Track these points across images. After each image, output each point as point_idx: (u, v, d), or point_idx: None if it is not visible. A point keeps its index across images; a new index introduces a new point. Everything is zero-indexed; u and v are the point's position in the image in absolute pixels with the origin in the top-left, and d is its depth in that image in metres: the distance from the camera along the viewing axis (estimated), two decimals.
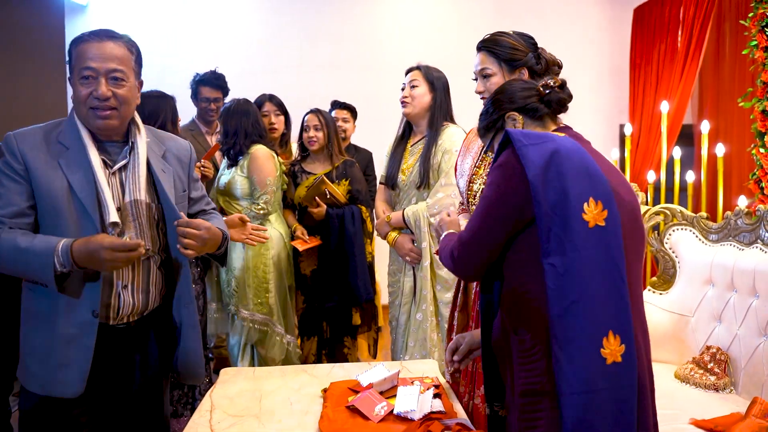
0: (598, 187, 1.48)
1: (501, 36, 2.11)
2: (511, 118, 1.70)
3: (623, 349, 1.44)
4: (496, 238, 1.55)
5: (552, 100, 1.70)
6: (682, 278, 2.83)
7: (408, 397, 1.96)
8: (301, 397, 2.13)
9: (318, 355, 3.51)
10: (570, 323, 1.42)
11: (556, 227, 1.44)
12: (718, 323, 2.60)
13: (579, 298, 1.42)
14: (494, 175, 1.55)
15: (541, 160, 1.47)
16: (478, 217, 1.57)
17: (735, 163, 4.84)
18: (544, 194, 1.45)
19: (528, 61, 2.08)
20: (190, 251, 1.80)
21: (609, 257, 1.46)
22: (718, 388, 2.45)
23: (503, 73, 2.09)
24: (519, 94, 1.71)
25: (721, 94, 5.08)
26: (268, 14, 5.65)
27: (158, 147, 1.92)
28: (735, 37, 4.83)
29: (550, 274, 1.44)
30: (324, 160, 3.51)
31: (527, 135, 1.54)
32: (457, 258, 1.63)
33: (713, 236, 2.78)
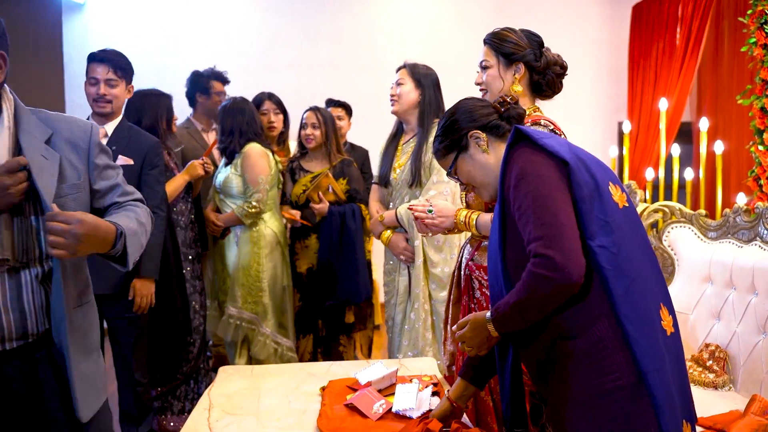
0: (609, 172, 1.54)
1: (505, 30, 2.13)
2: (474, 137, 1.69)
3: (671, 319, 1.49)
4: (571, 216, 1.42)
5: (512, 116, 1.70)
6: (681, 276, 2.82)
7: (406, 395, 1.96)
8: (299, 396, 2.12)
9: (314, 353, 3.51)
10: (636, 300, 1.41)
11: (596, 209, 1.43)
12: (717, 321, 2.60)
13: (636, 275, 1.42)
14: (532, 170, 1.46)
15: (565, 145, 1.49)
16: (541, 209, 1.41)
17: (734, 160, 4.85)
18: (582, 176, 1.45)
19: (525, 56, 2.08)
20: (58, 251, 1.41)
21: (640, 234, 1.51)
22: (717, 385, 2.45)
23: (499, 66, 2.10)
24: (478, 112, 1.71)
25: (720, 92, 5.08)
26: (268, 13, 5.64)
27: (41, 131, 1.56)
28: (734, 35, 4.83)
29: (604, 256, 1.41)
30: (322, 158, 3.51)
31: (535, 131, 1.54)
32: (557, 255, 1.37)
33: (712, 234, 2.77)
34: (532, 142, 1.51)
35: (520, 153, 1.51)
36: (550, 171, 1.46)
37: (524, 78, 2.11)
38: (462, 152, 1.71)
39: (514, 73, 2.09)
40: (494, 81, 2.12)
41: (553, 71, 2.12)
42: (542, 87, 2.14)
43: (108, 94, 2.69)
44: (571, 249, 1.38)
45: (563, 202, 1.43)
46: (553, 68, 2.12)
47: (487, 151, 1.68)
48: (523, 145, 1.52)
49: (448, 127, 1.73)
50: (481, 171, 1.70)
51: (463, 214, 2.16)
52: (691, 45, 4.93)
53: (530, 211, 1.42)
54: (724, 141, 4.12)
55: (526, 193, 1.44)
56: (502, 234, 1.56)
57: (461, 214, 2.16)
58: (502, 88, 2.10)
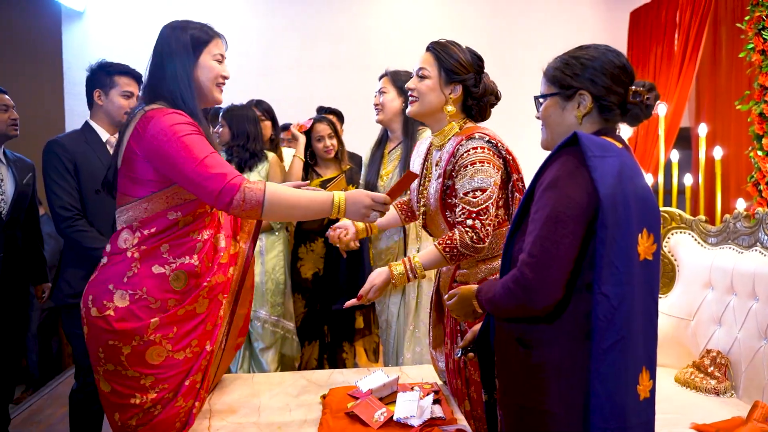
0: (652, 217, 1.43)
1: (453, 46, 2.06)
2: (582, 98, 1.51)
3: (651, 384, 1.44)
4: (571, 252, 1.38)
5: (631, 112, 1.52)
6: (682, 282, 2.82)
7: (408, 403, 1.95)
8: (300, 404, 2.11)
9: (319, 359, 3.50)
10: (615, 359, 1.36)
11: (615, 256, 1.35)
12: (718, 327, 2.60)
13: (627, 335, 1.37)
14: (564, 185, 1.39)
15: (612, 178, 1.36)
16: (548, 229, 1.38)
17: (733, 166, 4.85)
18: (612, 217, 1.34)
19: (466, 80, 2.02)
20: None
21: (651, 293, 1.44)
22: (719, 392, 2.44)
23: (439, 81, 2.03)
24: (606, 80, 1.49)
25: (719, 97, 5.09)
26: (267, 16, 5.65)
27: None
28: (731, 40, 4.85)
29: (603, 305, 1.35)
30: (333, 165, 3.56)
31: (595, 143, 1.40)
32: (534, 280, 1.38)
33: (712, 239, 2.77)
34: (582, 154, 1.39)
35: (566, 160, 1.42)
36: (581, 195, 1.37)
37: (458, 100, 2.06)
38: (560, 96, 1.54)
39: (450, 92, 2.03)
40: (430, 93, 2.04)
41: (488, 100, 2.08)
42: (473, 112, 2.09)
43: None
44: (551, 281, 1.38)
45: (573, 234, 1.37)
46: (488, 97, 2.07)
47: (579, 118, 1.52)
48: (573, 151, 1.42)
49: (571, 66, 1.53)
50: (557, 126, 1.56)
51: (400, 268, 1.97)
52: (689, 51, 4.95)
53: (539, 224, 1.40)
54: (723, 146, 4.12)
55: (546, 205, 1.40)
56: (517, 222, 1.54)
57: (396, 269, 1.97)
58: (437, 103, 2.04)
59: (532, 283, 1.38)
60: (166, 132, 1.74)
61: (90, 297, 1.82)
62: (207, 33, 1.94)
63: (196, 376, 1.89)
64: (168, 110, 1.79)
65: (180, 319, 1.85)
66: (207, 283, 1.90)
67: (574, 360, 1.42)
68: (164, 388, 1.82)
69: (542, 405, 1.45)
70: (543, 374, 1.45)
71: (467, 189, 1.91)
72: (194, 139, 1.75)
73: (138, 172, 1.81)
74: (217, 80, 1.94)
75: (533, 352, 1.47)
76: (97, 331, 1.79)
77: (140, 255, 1.81)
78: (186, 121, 1.78)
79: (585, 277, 1.40)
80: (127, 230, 1.84)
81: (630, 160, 1.44)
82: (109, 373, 1.79)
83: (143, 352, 1.78)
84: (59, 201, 2.61)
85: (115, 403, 1.80)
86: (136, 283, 1.80)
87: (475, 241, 1.88)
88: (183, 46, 1.87)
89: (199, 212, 1.89)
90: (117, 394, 1.80)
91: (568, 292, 1.40)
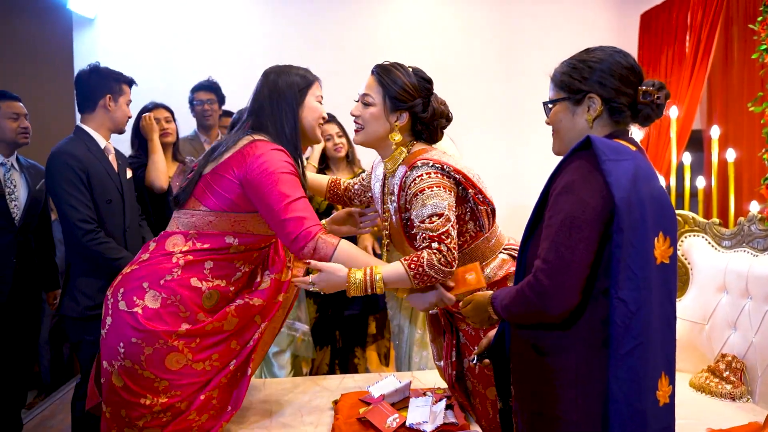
0: (668, 220, 1.42)
1: (398, 70, 1.97)
2: (591, 101, 1.50)
3: (670, 390, 1.44)
4: (587, 257, 1.37)
5: (642, 113, 1.50)
6: (695, 285, 2.80)
7: (420, 408, 1.94)
8: (312, 409, 2.11)
9: (331, 365, 3.49)
10: (634, 364, 1.35)
11: (631, 260, 1.34)
12: (733, 331, 2.57)
13: (645, 340, 1.36)
14: (579, 189, 1.38)
15: (627, 182, 1.34)
16: (563, 235, 1.37)
17: (746, 168, 4.81)
18: (628, 220, 1.33)
19: (414, 107, 1.94)
20: None
21: (668, 296, 1.43)
22: (735, 396, 2.42)
23: (383, 108, 1.94)
24: (615, 81, 1.48)
25: (731, 99, 5.05)
26: (273, 23, 5.65)
27: None
28: (744, 42, 4.81)
29: (620, 310, 1.34)
30: (345, 167, 3.50)
31: (609, 147, 1.38)
32: (550, 287, 1.37)
33: (726, 242, 2.75)
34: (596, 158, 1.38)
35: (579, 164, 1.41)
36: (595, 199, 1.36)
37: (406, 127, 1.97)
38: (569, 101, 1.53)
39: (396, 119, 1.94)
40: (374, 122, 1.95)
41: (438, 123, 2.00)
42: (423, 136, 2.01)
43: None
44: (567, 287, 1.36)
45: (588, 239, 1.36)
46: (438, 120, 2.00)
47: (590, 122, 1.50)
48: (586, 155, 1.41)
49: (579, 69, 1.52)
50: (568, 130, 1.55)
51: (359, 275, 1.79)
52: (700, 52, 4.90)
53: (554, 229, 1.38)
54: (736, 148, 4.08)
55: (560, 210, 1.39)
56: (531, 227, 1.53)
57: (355, 276, 1.79)
58: (382, 132, 1.95)
59: (548, 290, 1.37)
60: (268, 164, 1.82)
61: (121, 289, 1.85)
62: (309, 76, 2.05)
63: (213, 392, 1.89)
64: (274, 145, 1.88)
65: (206, 332, 1.88)
66: (237, 304, 1.94)
67: (590, 366, 1.40)
68: (176, 395, 1.82)
69: (559, 412, 1.43)
70: (559, 381, 1.43)
71: (423, 217, 1.82)
72: (290, 179, 1.84)
73: (222, 187, 1.86)
74: (319, 120, 2.03)
75: (549, 358, 1.46)
76: (123, 325, 1.80)
77: (184, 263, 1.86)
78: (288, 161, 1.87)
79: (601, 282, 1.39)
80: (180, 235, 1.90)
81: (644, 163, 1.43)
82: (125, 369, 1.80)
83: (164, 356, 1.80)
84: (78, 214, 2.56)
85: (124, 399, 1.81)
86: (171, 289, 1.83)
87: (443, 264, 1.77)
88: (290, 88, 1.97)
89: (252, 247, 1.96)
90: (129, 391, 1.81)
91: (584, 298, 1.39)
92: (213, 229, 1.88)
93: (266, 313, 2.02)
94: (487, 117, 5.56)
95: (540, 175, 1.87)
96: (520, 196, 5.25)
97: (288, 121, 1.94)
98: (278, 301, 2.05)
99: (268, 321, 2.02)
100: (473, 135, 5.28)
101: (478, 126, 5.39)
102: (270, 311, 2.04)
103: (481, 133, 5.43)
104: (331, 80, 5.63)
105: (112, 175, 2.73)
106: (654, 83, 1.50)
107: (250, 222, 1.91)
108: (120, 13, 5.44)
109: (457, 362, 2.06)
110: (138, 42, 5.45)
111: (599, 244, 1.38)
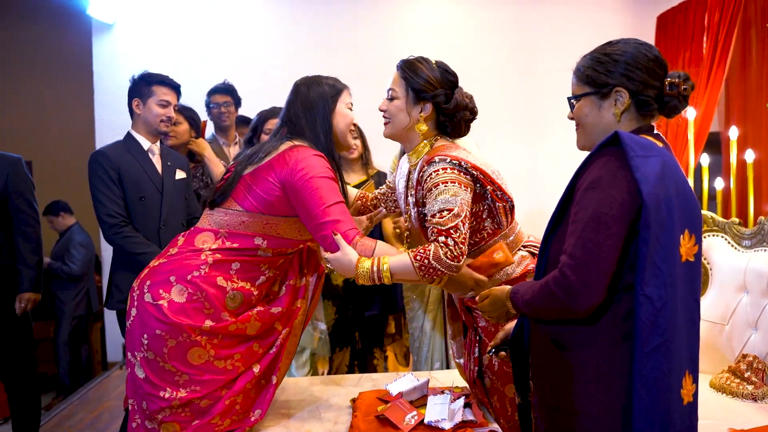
0: (693, 218, 1.41)
1: (420, 63, 2.01)
2: (618, 95, 1.48)
3: (694, 388, 1.43)
4: (614, 253, 1.36)
5: (669, 105, 1.49)
6: (715, 285, 2.77)
7: (438, 406, 1.94)
8: (330, 408, 2.11)
9: (350, 366, 3.50)
10: (659, 362, 1.34)
11: (658, 256, 1.33)
12: (754, 331, 2.54)
13: (671, 337, 1.35)
14: (606, 185, 1.37)
15: (654, 178, 1.33)
16: (591, 231, 1.36)
17: (765, 169, 4.76)
18: (655, 217, 1.32)
19: (436, 96, 1.98)
20: None
21: (693, 294, 1.42)
22: (756, 397, 2.39)
23: (407, 100, 1.99)
24: (642, 74, 1.47)
25: (749, 100, 5.00)
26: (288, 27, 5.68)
27: None
28: (762, 42, 4.77)
29: (646, 307, 1.33)
30: (359, 169, 3.49)
31: (637, 143, 1.38)
32: (577, 283, 1.36)
33: (746, 242, 2.72)
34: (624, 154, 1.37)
35: (607, 160, 1.40)
36: (622, 195, 1.35)
37: (431, 117, 2.01)
38: (595, 95, 1.52)
39: (420, 111, 1.99)
40: (399, 114, 2.00)
41: (462, 116, 2.02)
42: (447, 129, 2.05)
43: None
44: (594, 283, 1.36)
45: (615, 236, 1.35)
46: (462, 113, 2.02)
47: (618, 116, 1.49)
48: (614, 151, 1.39)
49: (604, 63, 1.51)
50: (595, 125, 1.54)
51: (367, 264, 1.82)
52: (718, 54, 4.87)
53: (581, 225, 1.37)
54: (755, 149, 4.05)
55: (587, 206, 1.38)
56: (554, 223, 1.52)
57: (363, 265, 1.82)
58: (407, 124, 2.00)
59: (575, 286, 1.36)
60: (310, 168, 1.86)
61: (147, 282, 1.87)
62: (338, 85, 2.07)
63: (237, 397, 1.90)
64: (314, 150, 1.93)
65: (228, 332, 1.90)
66: (259, 310, 1.97)
67: (612, 362, 1.40)
68: (195, 391, 1.83)
69: (580, 407, 1.43)
70: (580, 376, 1.42)
71: (434, 211, 1.84)
72: (329, 184, 1.88)
73: (261, 188, 1.89)
74: (350, 126, 2.08)
75: (570, 353, 1.45)
76: (148, 317, 1.83)
77: (213, 261, 1.89)
78: (328, 167, 1.92)
79: (626, 278, 1.38)
80: (210, 233, 1.93)
81: (672, 160, 1.42)
82: (147, 360, 1.82)
83: (186, 350, 1.83)
84: (104, 209, 2.68)
85: (146, 392, 1.83)
86: (198, 285, 1.86)
87: (450, 257, 1.78)
88: (321, 98, 2.01)
89: (281, 252, 2.00)
90: (150, 383, 1.83)
91: (608, 294, 1.38)
92: (245, 230, 1.91)
93: (286, 320, 2.05)
94: (501, 118, 5.56)
95: (557, 173, 1.86)
96: (533, 196, 5.25)
97: (322, 128, 1.99)
98: (297, 307, 2.07)
99: (290, 327, 2.04)
100: (487, 135, 5.27)
101: (492, 126, 5.37)
102: (290, 318, 2.06)
103: (495, 134, 5.42)
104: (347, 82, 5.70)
105: (150, 173, 2.80)
106: (680, 75, 1.48)
107: (281, 225, 1.93)
108: (139, 19, 5.51)
109: (478, 359, 2.06)
110: (156, 47, 5.51)
111: (625, 240, 1.37)
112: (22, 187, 3.15)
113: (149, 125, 2.82)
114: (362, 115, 4.39)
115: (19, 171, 3.16)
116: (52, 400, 4.92)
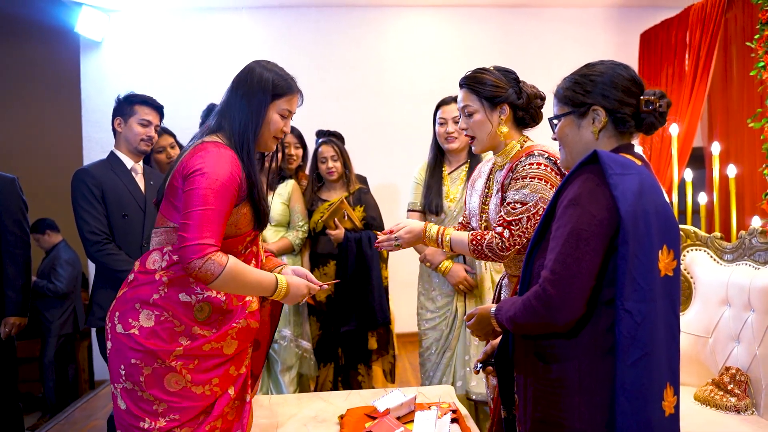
0: (672, 233, 1.44)
1: (482, 73, 2.10)
2: (595, 113, 1.54)
3: (675, 400, 1.46)
4: (593, 269, 1.40)
5: (646, 122, 1.54)
6: (698, 299, 2.81)
7: (425, 422, 1.95)
8: (317, 425, 2.12)
9: (334, 382, 3.50)
10: (640, 375, 1.37)
11: (637, 272, 1.37)
12: (737, 343, 2.57)
13: (651, 350, 1.38)
14: (585, 202, 1.41)
15: (632, 195, 1.38)
16: (570, 246, 1.40)
17: (747, 183, 4.83)
18: (633, 233, 1.36)
19: (509, 97, 2.09)
20: None
21: (672, 309, 1.46)
22: (740, 409, 2.42)
23: (485, 110, 2.09)
24: (617, 93, 1.53)
25: (731, 116, 5.09)
26: (278, 46, 5.73)
27: None
28: (742, 59, 4.85)
29: (626, 321, 1.37)
30: (340, 187, 3.55)
31: (615, 161, 1.42)
32: (557, 297, 1.39)
33: (728, 256, 2.76)
34: (602, 172, 1.42)
35: (587, 178, 1.44)
36: (601, 212, 1.39)
37: (509, 117, 2.11)
38: (574, 115, 1.58)
39: (499, 114, 2.09)
40: (482, 126, 2.10)
41: (535, 104, 2.13)
42: (526, 121, 2.14)
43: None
44: (573, 298, 1.39)
45: (594, 251, 1.39)
46: (534, 101, 2.13)
47: (596, 133, 1.55)
48: (593, 169, 1.44)
49: (581, 83, 1.57)
50: (575, 144, 1.59)
51: (434, 229, 2.12)
52: (700, 70, 4.95)
53: (561, 241, 1.41)
54: (737, 164, 4.11)
55: (567, 222, 1.42)
56: (537, 238, 1.55)
57: (431, 229, 2.12)
58: (491, 131, 2.10)
59: (555, 300, 1.40)
60: (202, 164, 1.75)
61: (117, 313, 1.84)
62: (288, 84, 1.97)
63: (217, 422, 1.86)
64: (221, 147, 1.82)
65: (204, 354, 1.84)
66: (237, 324, 1.89)
67: (594, 374, 1.42)
68: (174, 420, 1.79)
69: (563, 420, 1.45)
70: (563, 389, 1.45)
71: (510, 200, 1.97)
72: (218, 187, 1.75)
73: (178, 199, 1.82)
74: (276, 133, 1.96)
75: (553, 366, 1.48)
76: (122, 347, 1.80)
77: (168, 280, 1.82)
78: (228, 167, 1.78)
79: (606, 293, 1.42)
80: (157, 252, 1.86)
81: (650, 178, 1.46)
82: (126, 391, 1.80)
83: (162, 377, 1.79)
84: (87, 226, 2.70)
85: (128, 423, 1.80)
86: (162, 306, 1.81)
87: (500, 248, 1.95)
88: (262, 87, 1.90)
89: (230, 251, 1.86)
90: (131, 414, 1.80)
91: (588, 308, 1.42)
92: None
93: (251, 339, 1.99)
94: None
95: None
96: None
97: (250, 119, 1.88)
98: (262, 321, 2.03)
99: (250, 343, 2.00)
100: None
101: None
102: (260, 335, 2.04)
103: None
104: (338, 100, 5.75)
105: (133, 191, 2.82)
106: (655, 92, 1.54)
107: None
108: (127, 37, 5.53)
109: None
110: (144, 65, 5.53)
111: (605, 255, 1.40)
112: (14, 209, 3.14)
113: (130, 144, 2.84)
114: (353, 132, 4.45)
115: (12, 192, 3.15)
116: (39, 419, 4.86)
